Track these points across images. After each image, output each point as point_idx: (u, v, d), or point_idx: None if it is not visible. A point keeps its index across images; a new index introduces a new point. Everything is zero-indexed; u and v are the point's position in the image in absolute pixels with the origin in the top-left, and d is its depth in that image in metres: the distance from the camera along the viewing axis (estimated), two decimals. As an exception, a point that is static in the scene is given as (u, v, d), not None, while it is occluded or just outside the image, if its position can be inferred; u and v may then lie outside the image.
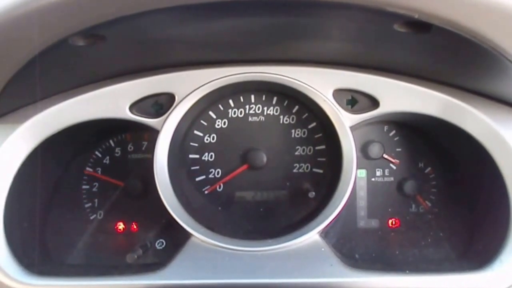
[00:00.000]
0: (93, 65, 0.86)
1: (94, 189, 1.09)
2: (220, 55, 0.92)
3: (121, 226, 1.07)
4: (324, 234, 0.92)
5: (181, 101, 0.93)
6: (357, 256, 0.95)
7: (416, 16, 0.60)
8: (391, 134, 1.07)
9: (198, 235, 0.89)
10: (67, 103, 0.89)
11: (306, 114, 1.03)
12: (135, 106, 0.93)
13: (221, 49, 0.89)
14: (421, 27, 0.64)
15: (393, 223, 1.06)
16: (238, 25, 0.76)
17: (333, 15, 0.70)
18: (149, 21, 0.68)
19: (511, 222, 0.84)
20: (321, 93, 0.92)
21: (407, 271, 0.85)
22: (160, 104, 0.93)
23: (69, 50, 0.72)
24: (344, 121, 0.92)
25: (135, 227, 1.06)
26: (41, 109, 0.88)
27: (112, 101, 0.91)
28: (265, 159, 1.02)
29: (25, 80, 0.78)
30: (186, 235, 0.91)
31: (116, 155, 1.09)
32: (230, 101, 1.04)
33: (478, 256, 0.88)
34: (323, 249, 0.88)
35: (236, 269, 0.86)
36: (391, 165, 1.07)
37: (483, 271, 0.83)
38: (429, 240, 1.01)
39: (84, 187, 1.09)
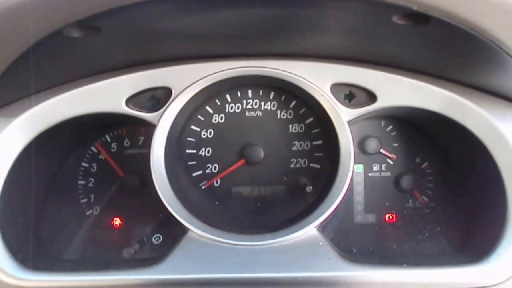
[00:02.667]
0: (89, 58, 0.86)
1: (90, 185, 1.08)
2: (218, 49, 0.92)
3: (117, 221, 1.06)
4: (322, 228, 0.92)
5: (178, 95, 0.92)
6: (354, 250, 0.95)
7: (415, 7, 0.59)
8: (388, 129, 1.07)
9: (195, 229, 0.89)
10: (63, 97, 0.88)
11: (304, 109, 1.03)
12: (132, 100, 0.92)
13: (219, 43, 0.88)
14: (420, 19, 0.64)
15: (390, 217, 1.07)
16: (235, 18, 0.75)
17: (332, 7, 0.69)
18: (145, 12, 0.67)
19: (508, 216, 0.84)
20: (319, 88, 0.92)
21: (405, 265, 0.86)
22: (157, 98, 0.93)
23: (64, 42, 0.71)
24: (341, 115, 0.92)
25: (131, 222, 1.05)
26: (36, 103, 0.87)
27: (108, 95, 0.90)
28: (262, 154, 1.02)
29: (19, 73, 0.77)
30: (183, 230, 0.90)
31: (113, 150, 1.08)
32: (227, 96, 1.03)
33: (475, 249, 0.89)
34: (320, 243, 0.88)
35: (234, 263, 0.86)
36: (388, 160, 1.07)
37: (480, 264, 0.83)
38: (426, 234, 1.01)
39: (80, 182, 1.08)
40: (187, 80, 0.92)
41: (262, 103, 1.04)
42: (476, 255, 0.86)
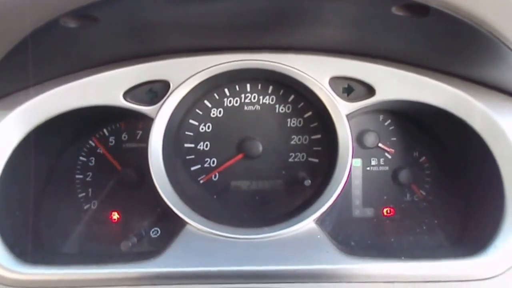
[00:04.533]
0: (86, 50, 0.85)
1: (88, 179, 1.07)
2: (216, 42, 0.91)
3: (115, 215, 1.06)
4: (320, 221, 0.92)
5: (176, 88, 0.91)
6: (352, 243, 0.96)
7: (415, -3, 0.59)
8: (386, 123, 1.07)
9: (194, 223, 0.89)
10: (60, 89, 0.88)
11: (302, 103, 1.03)
12: (129, 93, 0.91)
13: (217, 36, 0.87)
14: (419, 10, 0.64)
15: (388, 211, 1.07)
16: (234, 9, 0.75)
17: (331, -2, 0.69)
18: (142, 2, 0.67)
19: (505, 209, 0.85)
20: (317, 81, 0.92)
21: (403, 258, 0.86)
22: (155, 91, 0.92)
23: (61, 32, 0.70)
24: (340, 109, 0.92)
25: (129, 216, 1.05)
26: (33, 96, 0.87)
27: (105, 87, 0.89)
28: (260, 148, 1.01)
29: (16, 65, 0.76)
30: (181, 223, 0.90)
31: (110, 144, 1.08)
32: (226, 90, 1.03)
33: (472, 242, 0.89)
34: (319, 236, 0.89)
35: (232, 256, 0.86)
36: (386, 154, 1.07)
37: (478, 257, 0.84)
38: (424, 227, 1.02)
39: (77, 176, 1.07)
40: (185, 73, 0.91)
41: (261, 97, 1.03)
42: (473, 248, 0.86)
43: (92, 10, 0.65)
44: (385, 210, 1.07)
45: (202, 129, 1.04)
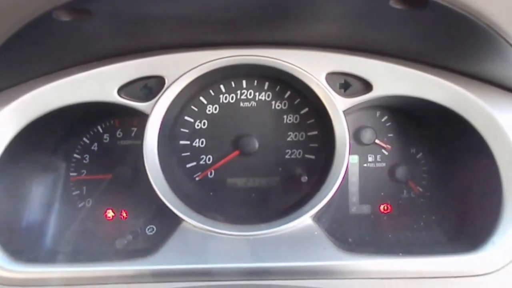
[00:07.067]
0: (79, 44, 0.84)
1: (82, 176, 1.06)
2: (212, 38, 0.90)
3: (110, 213, 1.05)
4: (317, 218, 0.92)
5: (171, 84, 0.91)
6: (350, 240, 0.95)
7: (413, -11, 0.59)
8: (383, 119, 1.07)
9: (189, 220, 0.88)
10: (53, 85, 0.87)
11: (299, 100, 1.02)
12: (124, 90, 0.90)
13: (213, 31, 0.87)
14: (417, 2, 0.63)
15: (385, 208, 1.07)
16: (229, 4, 0.74)
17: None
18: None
19: (503, 205, 0.84)
20: (314, 77, 0.91)
21: (400, 254, 0.86)
22: (150, 87, 0.91)
23: (53, 26, 0.69)
24: (337, 105, 0.92)
25: (124, 214, 1.04)
26: (25, 92, 0.86)
27: (99, 83, 0.88)
28: (257, 145, 1.01)
29: (7, 60, 0.75)
30: (177, 221, 0.89)
31: (105, 141, 1.07)
32: (221, 86, 1.02)
33: (470, 238, 0.89)
34: (316, 233, 0.88)
35: (228, 253, 0.85)
36: (383, 150, 1.07)
37: (475, 253, 0.84)
38: (422, 223, 1.01)
39: (71, 174, 1.06)
40: (180, 69, 0.90)
41: (257, 94, 1.03)
42: (471, 244, 0.86)
43: (85, 3, 0.64)
44: (382, 206, 1.06)
45: (198, 126, 1.03)
